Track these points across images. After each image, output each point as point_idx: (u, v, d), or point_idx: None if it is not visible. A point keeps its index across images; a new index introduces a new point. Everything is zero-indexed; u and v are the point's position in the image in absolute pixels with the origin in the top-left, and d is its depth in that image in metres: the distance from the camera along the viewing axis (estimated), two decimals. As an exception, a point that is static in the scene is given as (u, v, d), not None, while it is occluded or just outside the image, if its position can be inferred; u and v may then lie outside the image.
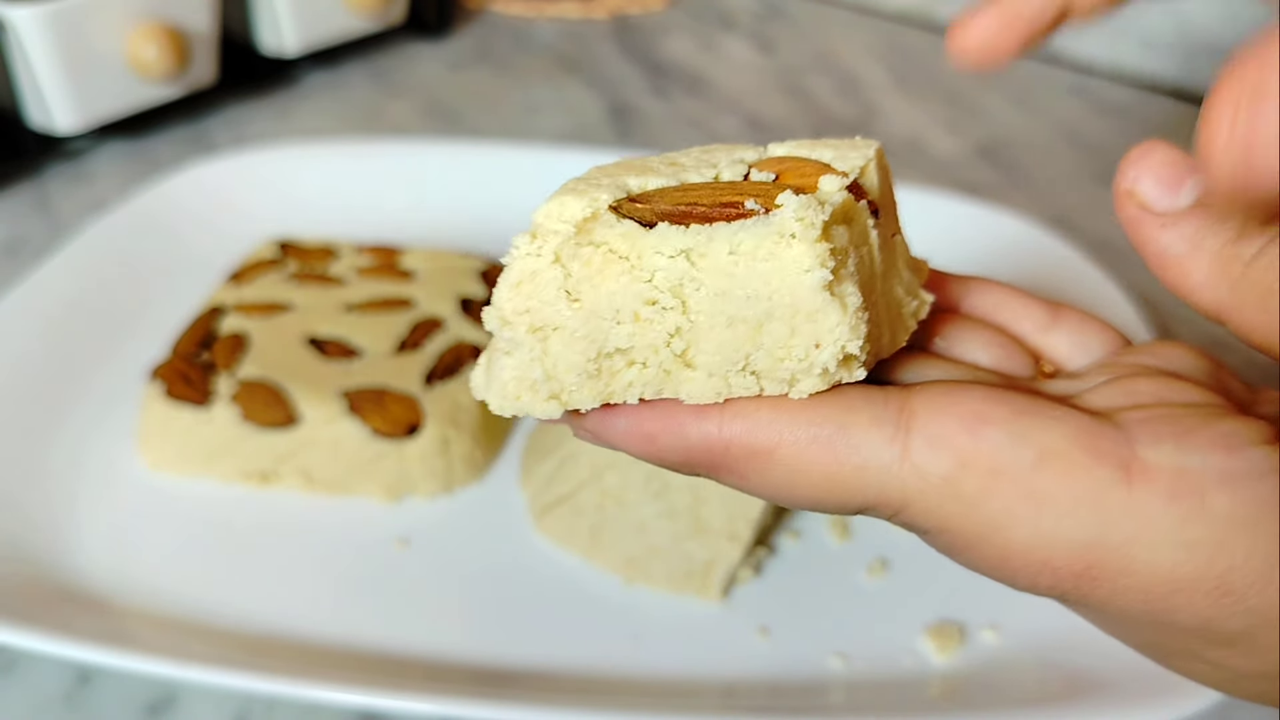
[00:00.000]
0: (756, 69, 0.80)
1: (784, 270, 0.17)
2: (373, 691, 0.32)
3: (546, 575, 0.40)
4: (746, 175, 0.20)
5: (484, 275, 0.49)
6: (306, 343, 0.45)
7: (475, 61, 0.80)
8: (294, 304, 0.47)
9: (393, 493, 0.42)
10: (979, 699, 0.35)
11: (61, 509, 0.41)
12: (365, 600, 0.39)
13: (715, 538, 0.38)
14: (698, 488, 0.38)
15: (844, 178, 0.20)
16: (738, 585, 0.39)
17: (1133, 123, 0.74)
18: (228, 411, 0.42)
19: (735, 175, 0.20)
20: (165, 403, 0.42)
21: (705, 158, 0.21)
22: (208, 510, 0.42)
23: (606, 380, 0.18)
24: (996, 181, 0.67)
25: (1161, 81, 0.77)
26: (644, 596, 0.39)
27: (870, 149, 0.21)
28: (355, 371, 0.43)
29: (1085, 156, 0.70)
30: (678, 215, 0.18)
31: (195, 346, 0.44)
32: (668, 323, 0.18)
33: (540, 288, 0.18)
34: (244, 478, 0.43)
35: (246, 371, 0.43)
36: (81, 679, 0.36)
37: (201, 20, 0.65)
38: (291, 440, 0.42)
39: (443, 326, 0.46)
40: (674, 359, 0.18)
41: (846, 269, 0.18)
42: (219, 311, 0.46)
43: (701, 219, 0.18)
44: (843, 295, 0.18)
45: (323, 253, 0.51)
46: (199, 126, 0.69)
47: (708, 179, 0.20)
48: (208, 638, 0.36)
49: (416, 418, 0.42)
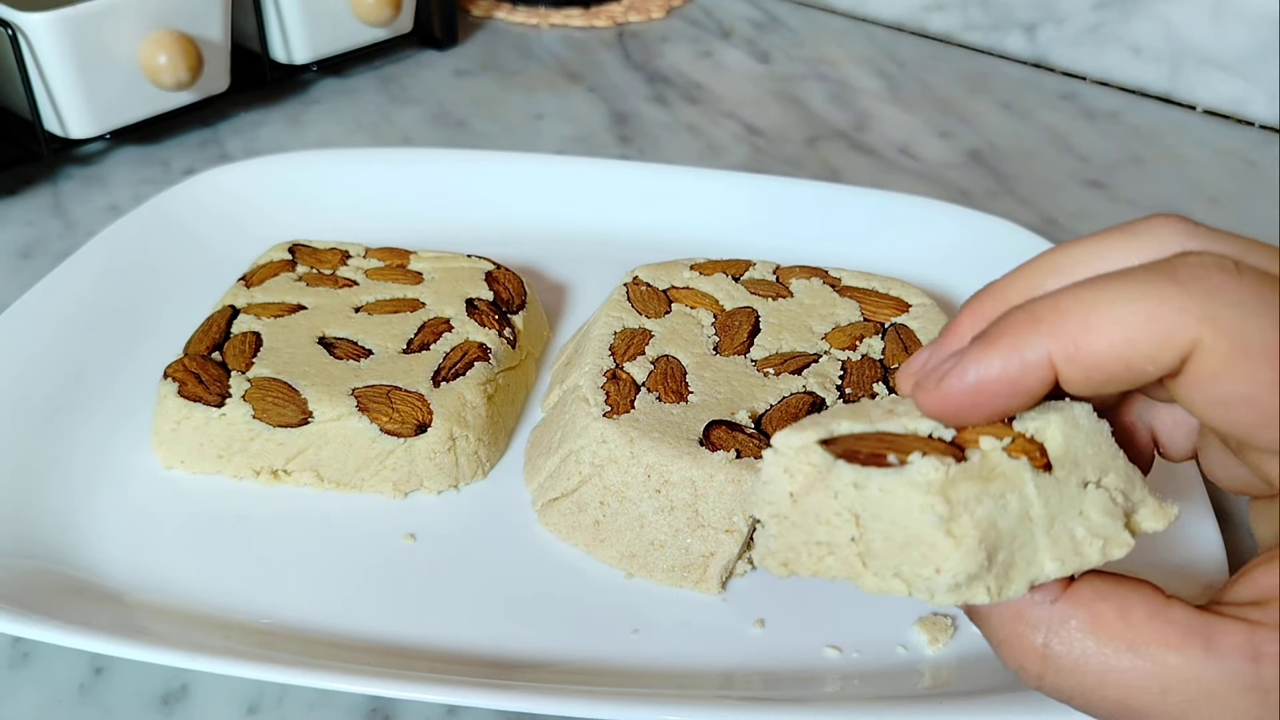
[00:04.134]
0: (753, 77, 0.82)
1: (911, 510, 0.23)
2: (382, 680, 0.33)
3: (550, 569, 0.41)
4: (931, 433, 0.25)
5: (488, 277, 0.51)
6: (317, 343, 0.45)
7: (481, 70, 0.82)
8: (305, 305, 0.48)
9: (401, 489, 0.43)
10: (970, 688, 0.36)
11: (77, 506, 0.42)
12: (374, 593, 0.39)
13: (713, 532, 0.39)
14: (696, 484, 0.39)
15: (1007, 438, 0.24)
16: (735, 578, 0.40)
17: (1122, 128, 0.75)
18: (240, 410, 0.42)
19: (928, 428, 0.24)
20: (178, 402, 0.43)
21: (914, 408, 0.25)
22: (220, 506, 0.43)
23: (815, 561, 0.24)
24: (987, 187, 0.68)
25: (1149, 88, 0.79)
26: (644, 589, 0.40)
27: None
28: (365, 371, 0.44)
29: (1075, 161, 0.72)
30: (848, 455, 0.24)
31: (208, 347, 0.45)
32: (848, 529, 0.24)
33: (775, 489, 0.25)
34: (255, 475, 0.43)
35: (258, 371, 0.44)
36: (96, 670, 0.37)
37: (214, 28, 0.66)
38: (302, 438, 0.42)
39: (450, 327, 0.47)
40: (855, 556, 0.24)
41: (969, 514, 0.22)
42: (231, 312, 0.47)
43: (862, 462, 0.24)
44: (959, 534, 0.22)
45: (333, 255, 0.52)
46: (211, 132, 0.71)
47: (907, 429, 0.25)
48: (221, 629, 0.37)
49: (426, 416, 0.42)
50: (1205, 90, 0.76)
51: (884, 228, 0.58)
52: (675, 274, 0.50)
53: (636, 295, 0.48)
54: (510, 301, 0.49)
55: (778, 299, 0.48)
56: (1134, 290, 0.21)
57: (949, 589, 0.23)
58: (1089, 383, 0.22)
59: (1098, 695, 0.22)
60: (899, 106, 0.78)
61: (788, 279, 0.50)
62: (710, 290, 0.48)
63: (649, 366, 0.44)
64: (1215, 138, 0.74)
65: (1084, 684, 0.22)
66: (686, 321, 0.47)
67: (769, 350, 0.45)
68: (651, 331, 0.46)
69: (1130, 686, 0.22)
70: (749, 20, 0.91)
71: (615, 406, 0.41)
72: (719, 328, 0.46)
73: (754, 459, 0.39)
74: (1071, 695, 0.23)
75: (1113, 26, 0.79)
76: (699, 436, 0.40)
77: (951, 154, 0.72)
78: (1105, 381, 0.22)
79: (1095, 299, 0.22)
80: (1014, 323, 0.23)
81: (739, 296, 0.48)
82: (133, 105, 0.64)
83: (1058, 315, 0.22)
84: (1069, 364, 0.22)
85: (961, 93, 0.80)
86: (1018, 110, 0.77)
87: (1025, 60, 0.84)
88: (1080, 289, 0.22)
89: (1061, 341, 0.22)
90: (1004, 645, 0.24)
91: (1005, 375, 0.22)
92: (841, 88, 0.80)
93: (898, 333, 0.46)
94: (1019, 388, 0.23)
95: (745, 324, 0.46)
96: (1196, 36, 0.75)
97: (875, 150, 0.72)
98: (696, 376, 0.43)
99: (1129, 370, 0.22)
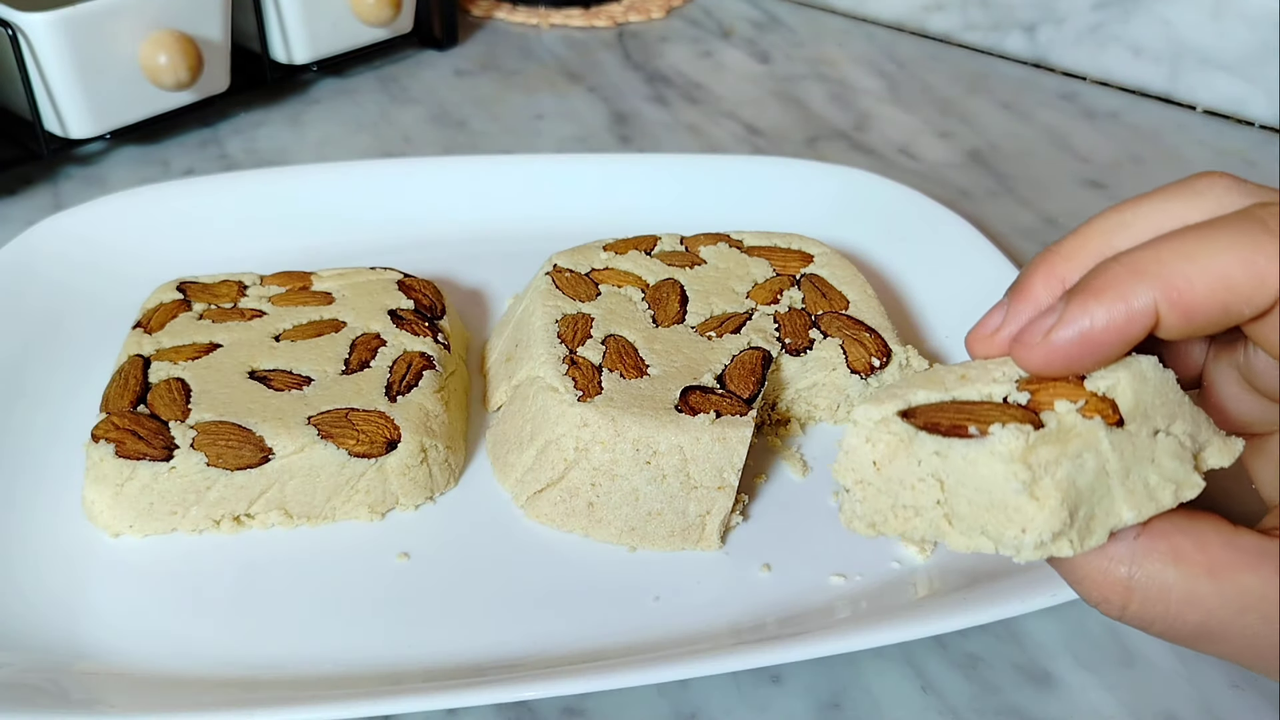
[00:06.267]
0: (753, 77, 0.82)
1: (995, 477, 0.24)
2: (444, 694, 0.33)
3: (554, 559, 0.41)
4: (1006, 397, 0.26)
5: (401, 286, 0.50)
6: (249, 378, 0.44)
7: (481, 70, 0.82)
8: (220, 342, 0.46)
9: (377, 510, 0.42)
10: (964, 582, 0.39)
11: (36, 598, 0.39)
12: (387, 617, 0.39)
13: (707, 491, 0.41)
14: (684, 449, 0.40)
15: (1081, 400, 0.25)
16: (731, 532, 0.42)
17: (1122, 128, 0.75)
18: (191, 460, 0.40)
19: (1002, 393, 0.26)
20: (118, 464, 0.40)
21: (985, 372, 0.27)
22: (188, 565, 0.40)
23: (902, 522, 0.26)
24: (987, 187, 0.68)
25: (1149, 88, 0.79)
26: (650, 559, 0.41)
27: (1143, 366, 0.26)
28: (313, 398, 0.43)
29: (1075, 161, 0.72)
30: (930, 427, 0.25)
31: (131, 401, 0.42)
32: (932, 493, 0.25)
33: (858, 458, 0.26)
34: (216, 525, 0.41)
35: (199, 416, 0.41)
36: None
37: (214, 28, 0.66)
38: (264, 478, 0.41)
39: (383, 341, 0.46)
40: (941, 517, 0.25)
41: (1050, 476, 0.24)
42: (143, 361, 0.44)
43: (944, 433, 0.25)
44: (1042, 496, 0.24)
45: (228, 287, 0.49)
46: (211, 132, 0.71)
47: (982, 395, 0.26)
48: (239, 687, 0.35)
49: (394, 433, 0.41)
50: (1205, 90, 0.76)
51: (749, 190, 0.61)
52: (592, 257, 0.51)
53: (563, 282, 0.49)
54: (433, 307, 0.49)
55: (694, 267, 0.50)
56: (1230, 239, 0.23)
57: (1035, 546, 0.24)
58: (1189, 327, 0.24)
59: (1180, 621, 0.24)
60: (899, 106, 0.78)
61: (695, 247, 0.52)
62: (630, 268, 0.50)
63: (600, 348, 0.45)
64: (1215, 138, 0.74)
65: (1167, 611, 0.24)
66: (619, 300, 0.48)
67: (703, 315, 0.47)
68: (590, 315, 0.47)
69: (1211, 609, 0.24)
70: (749, 20, 0.91)
71: (586, 390, 0.42)
72: (650, 301, 0.48)
73: (735, 416, 0.41)
74: (1153, 622, 0.25)
75: (1113, 26, 0.79)
76: (675, 404, 0.42)
77: (951, 154, 0.72)
78: (1204, 325, 0.24)
79: (1193, 249, 0.23)
80: (1115, 275, 0.24)
81: (658, 270, 0.50)
82: (133, 105, 0.64)
83: (1160, 265, 0.23)
84: (1172, 309, 0.23)
85: (961, 93, 0.80)
86: (1017, 110, 0.77)
87: (1025, 60, 0.84)
88: (1176, 240, 0.24)
89: (1166, 289, 0.23)
90: (1085, 581, 0.25)
91: (1112, 324, 0.24)
92: (841, 88, 0.80)
93: (811, 281, 0.50)
94: (1125, 335, 0.24)
95: (673, 295, 0.48)
96: (1196, 36, 0.75)
97: (875, 150, 0.72)
98: (648, 350, 0.45)
99: (1226, 312, 0.23)
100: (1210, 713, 0.37)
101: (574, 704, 0.37)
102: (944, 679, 0.38)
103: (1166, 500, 0.25)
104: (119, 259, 0.55)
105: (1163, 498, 0.25)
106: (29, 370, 0.48)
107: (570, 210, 0.60)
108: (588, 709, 0.37)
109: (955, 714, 0.37)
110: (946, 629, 0.36)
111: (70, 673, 0.36)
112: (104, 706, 0.34)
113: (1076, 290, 0.25)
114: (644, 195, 0.61)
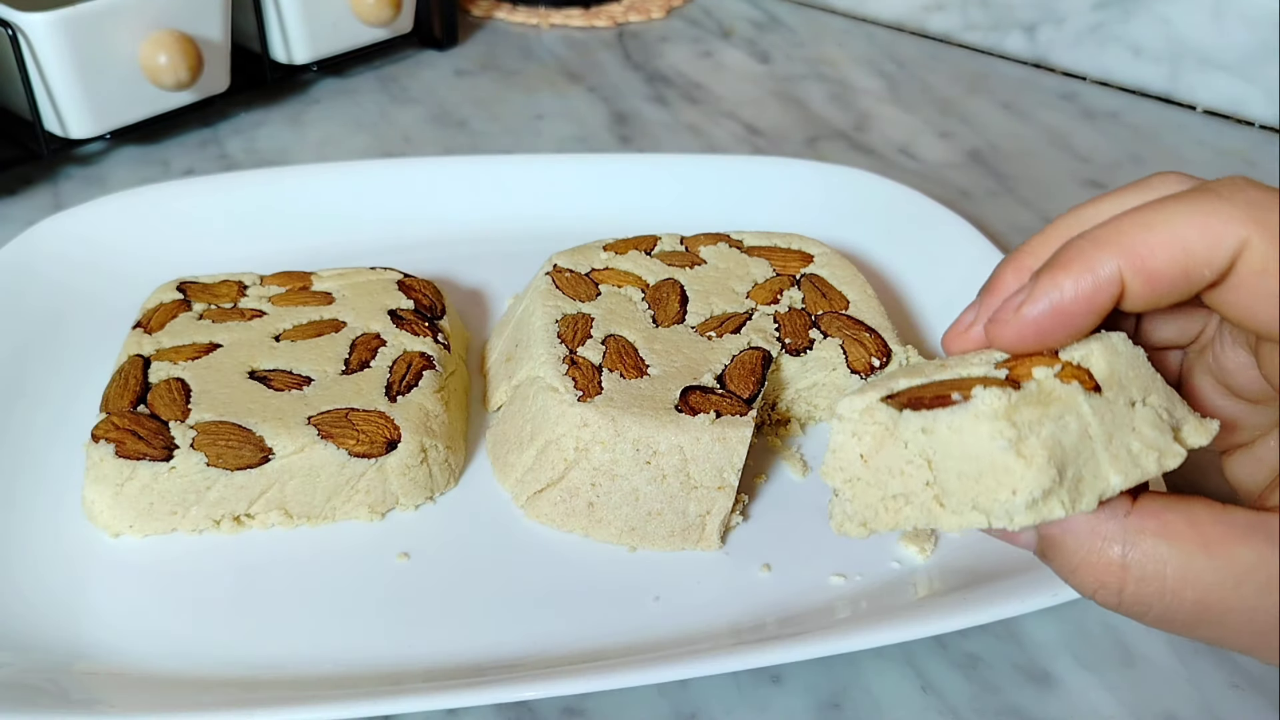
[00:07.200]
0: (753, 77, 0.82)
1: (981, 440, 0.24)
2: (446, 694, 0.33)
3: (554, 559, 0.41)
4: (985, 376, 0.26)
5: (401, 286, 0.50)
6: (249, 378, 0.43)
7: (481, 70, 0.82)
8: (220, 342, 0.46)
9: (377, 510, 0.42)
10: (964, 582, 0.39)
11: (37, 598, 0.39)
12: (388, 617, 0.39)
13: (707, 491, 0.41)
14: (684, 449, 0.40)
15: (1057, 365, 0.25)
16: (731, 532, 0.42)
17: (1121, 128, 0.75)
18: (191, 460, 0.40)
19: (981, 373, 0.26)
20: (118, 463, 0.40)
21: (964, 361, 0.27)
22: (189, 565, 0.40)
23: (893, 514, 0.26)
24: (987, 187, 0.68)
25: (1149, 88, 0.79)
26: (650, 559, 0.41)
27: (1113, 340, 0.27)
28: (313, 398, 0.43)
29: (1075, 161, 0.72)
30: (913, 404, 0.26)
31: (131, 401, 0.42)
32: (921, 475, 0.25)
33: (845, 454, 0.26)
34: (216, 525, 0.41)
35: (200, 416, 0.41)
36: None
37: (214, 28, 0.66)
38: (264, 478, 0.41)
39: (383, 341, 0.46)
40: (932, 500, 0.25)
41: (1035, 435, 0.24)
42: (143, 361, 0.44)
43: (927, 406, 0.25)
44: (1029, 454, 0.24)
45: (228, 287, 0.49)
46: (211, 132, 0.71)
47: (961, 377, 0.26)
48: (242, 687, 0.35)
49: (394, 433, 0.41)
50: (1205, 90, 0.76)
51: (749, 190, 0.61)
52: (592, 257, 0.51)
53: (563, 282, 0.49)
54: (433, 307, 0.49)
55: (694, 267, 0.50)
56: (1186, 208, 0.24)
57: (1027, 507, 0.24)
58: (1153, 294, 0.25)
59: (1176, 599, 0.24)
60: (899, 106, 0.78)
61: (696, 247, 0.52)
62: (630, 268, 0.50)
63: (600, 348, 0.45)
64: (1215, 138, 0.74)
65: (1163, 589, 0.24)
66: (620, 300, 0.48)
67: (703, 315, 0.47)
68: (591, 315, 0.47)
69: (1207, 585, 0.24)
70: (749, 20, 0.91)
71: (586, 390, 0.42)
72: (650, 301, 0.48)
73: (735, 416, 0.41)
74: (1151, 605, 0.25)
75: (1113, 26, 0.79)
76: (675, 404, 0.42)
77: (951, 154, 0.72)
78: (1167, 291, 0.25)
79: (1152, 219, 0.24)
80: (1079, 249, 0.25)
81: (658, 270, 0.50)
82: (133, 105, 0.64)
83: (1122, 235, 0.24)
84: (1136, 276, 0.24)
85: (961, 93, 0.80)
86: (1017, 110, 0.77)
87: (1025, 60, 0.84)
88: (1136, 213, 0.25)
89: (1130, 257, 0.24)
90: (1081, 568, 0.25)
91: (1080, 294, 0.25)
92: (841, 88, 0.80)
93: (811, 281, 0.50)
94: (1093, 305, 0.25)
95: (673, 295, 0.48)
96: (1196, 36, 0.75)
97: (875, 150, 0.72)
98: (648, 350, 0.45)
99: (1188, 277, 0.24)
100: (1210, 713, 0.37)
101: (574, 704, 0.37)
102: (944, 679, 0.38)
103: (1151, 467, 0.25)
104: (119, 259, 0.54)
105: (1147, 464, 0.25)
106: (29, 370, 0.48)
107: (570, 210, 0.60)
108: (588, 709, 0.37)
109: (955, 714, 0.37)
110: (946, 629, 0.36)
111: (70, 673, 0.36)
112: (104, 706, 0.34)
113: (1044, 267, 0.26)
114: (644, 195, 0.61)
